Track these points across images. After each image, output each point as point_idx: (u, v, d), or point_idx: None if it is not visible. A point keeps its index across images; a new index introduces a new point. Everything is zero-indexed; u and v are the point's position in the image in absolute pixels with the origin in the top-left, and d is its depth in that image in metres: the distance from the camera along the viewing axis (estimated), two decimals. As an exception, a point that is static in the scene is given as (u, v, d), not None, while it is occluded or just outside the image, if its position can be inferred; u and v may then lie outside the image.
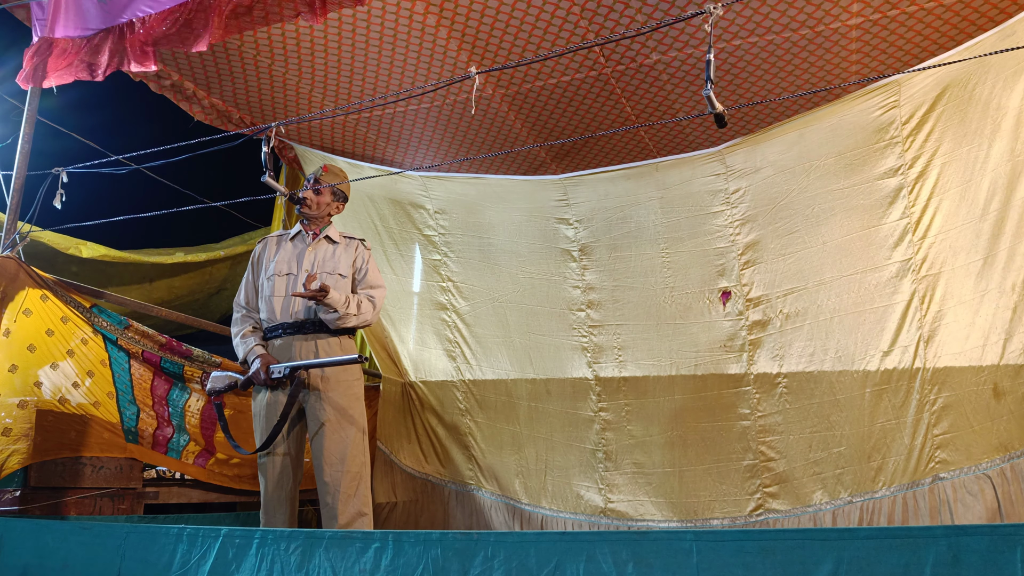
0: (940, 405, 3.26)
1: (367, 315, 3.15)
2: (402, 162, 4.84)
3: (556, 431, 4.13)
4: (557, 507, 4.11)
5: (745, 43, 3.60)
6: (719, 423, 3.74)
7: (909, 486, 3.32)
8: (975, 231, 3.14)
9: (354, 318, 3.10)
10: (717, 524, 3.72)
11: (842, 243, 3.42)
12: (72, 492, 3.08)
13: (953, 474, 3.23)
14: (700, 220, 3.68)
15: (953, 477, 3.23)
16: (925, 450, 3.30)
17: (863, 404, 3.43)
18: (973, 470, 3.18)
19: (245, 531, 2.08)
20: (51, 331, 3.10)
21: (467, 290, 4.30)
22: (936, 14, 3.37)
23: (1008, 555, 1.39)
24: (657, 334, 3.85)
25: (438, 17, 3.46)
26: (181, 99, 4.04)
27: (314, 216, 3.27)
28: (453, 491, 4.44)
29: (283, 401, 3.07)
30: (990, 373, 3.13)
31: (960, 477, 3.21)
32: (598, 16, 3.43)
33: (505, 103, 4.14)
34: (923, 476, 3.30)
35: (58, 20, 3.37)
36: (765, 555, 1.56)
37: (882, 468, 3.39)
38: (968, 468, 3.20)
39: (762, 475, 3.64)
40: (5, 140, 3.73)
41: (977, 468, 3.18)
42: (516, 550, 1.76)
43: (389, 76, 3.91)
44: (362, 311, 3.13)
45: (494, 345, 4.27)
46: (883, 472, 3.38)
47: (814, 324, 3.52)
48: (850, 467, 3.45)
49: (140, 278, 5.80)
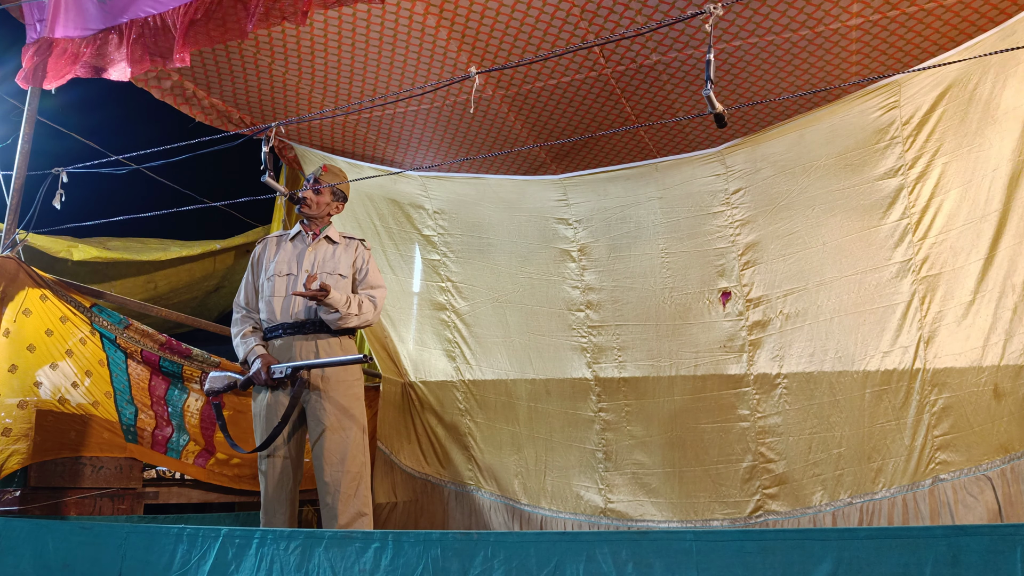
0: (940, 406, 3.25)
1: (368, 315, 3.15)
2: (402, 163, 4.84)
3: (556, 431, 4.13)
4: (557, 507, 4.11)
5: (745, 44, 3.60)
6: (719, 424, 3.74)
7: (909, 487, 3.31)
8: (976, 232, 3.13)
9: (355, 318, 3.10)
10: (717, 525, 3.71)
11: (842, 243, 3.41)
12: (72, 492, 3.08)
13: (953, 475, 3.22)
14: (700, 220, 3.68)
15: (953, 478, 3.22)
16: (925, 451, 3.29)
17: (863, 405, 3.42)
18: (974, 471, 3.17)
19: (245, 531, 2.08)
20: (50, 331, 3.10)
21: (466, 290, 4.29)
22: (936, 15, 3.37)
23: (1008, 555, 1.39)
24: (657, 334, 3.84)
25: (438, 18, 3.46)
26: (182, 102, 4.04)
27: (314, 216, 3.27)
28: (452, 491, 4.43)
29: (284, 402, 3.07)
30: (990, 374, 3.12)
31: (960, 479, 3.20)
32: (598, 17, 3.42)
33: (505, 104, 4.14)
34: (923, 477, 3.29)
35: (58, 20, 3.37)
36: (765, 555, 1.56)
37: (882, 469, 3.38)
38: (969, 469, 3.18)
39: (762, 476, 3.64)
40: (5, 140, 3.73)
41: (977, 469, 3.16)
42: (516, 550, 1.76)
43: (389, 77, 3.91)
44: (363, 311, 3.13)
45: (494, 345, 4.27)
46: (883, 473, 3.37)
47: (814, 325, 3.51)
48: (850, 468, 3.44)
49: (136, 275, 5.77)
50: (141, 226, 4.19)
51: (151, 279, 5.92)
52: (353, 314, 3.09)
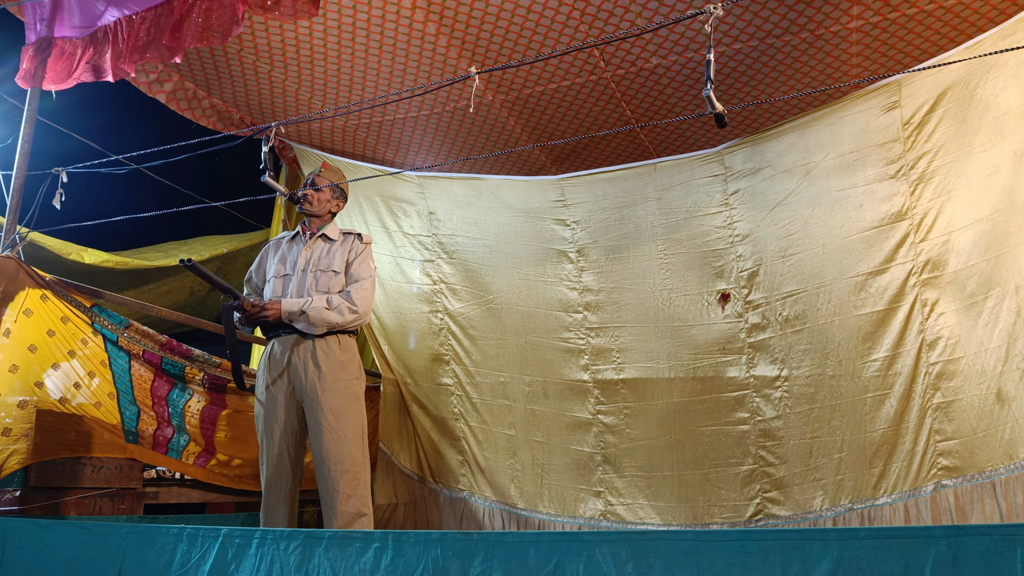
0: (942, 411, 3.21)
1: (346, 310, 3.10)
2: (400, 165, 4.84)
3: (553, 434, 4.08)
4: (555, 511, 4.07)
5: (745, 47, 3.60)
6: (718, 427, 3.70)
7: (911, 493, 3.28)
8: (977, 233, 3.07)
9: (331, 312, 3.07)
10: (717, 527, 3.68)
11: (842, 245, 3.37)
12: (72, 492, 3.08)
13: (956, 481, 3.18)
14: (699, 221, 3.65)
15: (956, 484, 3.18)
16: (927, 456, 3.25)
17: (864, 409, 3.38)
18: (977, 478, 3.13)
19: (245, 531, 2.08)
20: (52, 331, 3.10)
21: (462, 292, 4.24)
22: (935, 15, 3.37)
23: (1008, 555, 1.39)
24: (655, 336, 3.81)
25: (438, 25, 3.46)
26: (184, 107, 4.04)
27: (315, 214, 3.28)
28: (447, 497, 4.38)
29: (283, 402, 3.08)
30: (993, 378, 3.06)
31: (963, 485, 3.16)
32: (598, 20, 3.43)
33: (505, 108, 4.14)
34: (925, 483, 3.25)
35: (57, 20, 3.37)
36: (765, 555, 1.56)
37: (884, 474, 3.34)
38: (971, 476, 3.14)
39: (762, 480, 3.61)
40: (5, 140, 3.72)
41: (981, 476, 3.12)
42: (516, 550, 1.76)
43: (389, 84, 3.91)
44: (334, 305, 3.08)
45: (490, 347, 4.21)
46: (885, 478, 3.34)
47: (814, 327, 3.47)
48: (851, 473, 3.41)
49: (141, 283, 5.78)
50: (141, 226, 4.19)
51: (162, 285, 5.94)
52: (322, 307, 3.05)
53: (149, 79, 3.88)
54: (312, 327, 3.05)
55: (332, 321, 3.06)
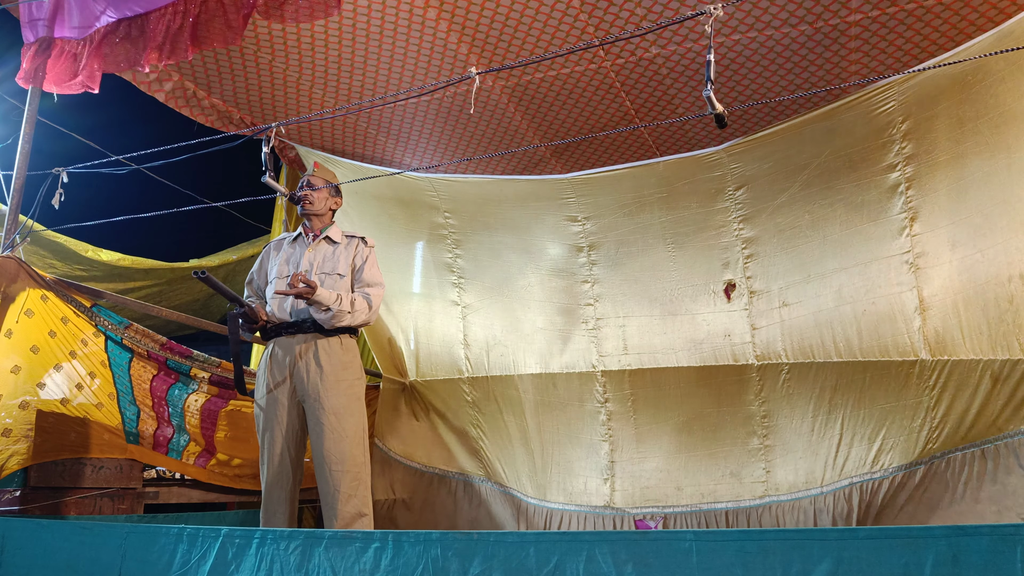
0: (939, 390, 3.39)
1: (362, 313, 3.13)
2: (403, 159, 4.85)
3: (562, 424, 4.19)
4: (564, 499, 4.17)
5: (744, 38, 3.61)
6: (724, 411, 3.86)
7: (908, 467, 3.48)
8: (972, 226, 3.23)
9: (348, 316, 3.08)
10: (722, 508, 3.84)
11: (842, 237, 3.54)
12: (72, 492, 3.08)
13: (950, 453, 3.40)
14: (704, 216, 3.77)
15: (950, 454, 3.39)
16: (923, 432, 3.44)
17: (863, 389, 3.56)
18: (971, 447, 3.34)
19: (245, 531, 2.08)
20: (53, 332, 3.10)
21: (476, 286, 4.34)
22: (935, 12, 3.37)
23: (1008, 555, 1.39)
24: (662, 326, 3.94)
25: (438, 11, 3.47)
26: (183, 105, 4.04)
27: (316, 213, 3.28)
28: (460, 482, 4.50)
29: (284, 402, 3.08)
30: (988, 361, 3.24)
31: (957, 454, 3.37)
32: (598, 9, 3.44)
33: (505, 95, 4.15)
34: (922, 456, 3.45)
35: (56, 20, 3.37)
36: (765, 555, 1.56)
37: (882, 450, 3.54)
38: (966, 446, 3.35)
39: (766, 460, 3.77)
40: (5, 140, 3.73)
41: (974, 446, 3.33)
42: (516, 550, 1.76)
43: (390, 71, 3.92)
44: (356, 309, 3.10)
45: (501, 340, 4.32)
46: (883, 454, 3.53)
47: (816, 314, 3.63)
48: (852, 450, 3.60)
49: (151, 284, 5.82)
50: (142, 225, 4.19)
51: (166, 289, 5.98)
52: (346, 311, 3.06)
53: (149, 78, 3.87)
54: (330, 320, 3.05)
55: (346, 321, 3.08)
